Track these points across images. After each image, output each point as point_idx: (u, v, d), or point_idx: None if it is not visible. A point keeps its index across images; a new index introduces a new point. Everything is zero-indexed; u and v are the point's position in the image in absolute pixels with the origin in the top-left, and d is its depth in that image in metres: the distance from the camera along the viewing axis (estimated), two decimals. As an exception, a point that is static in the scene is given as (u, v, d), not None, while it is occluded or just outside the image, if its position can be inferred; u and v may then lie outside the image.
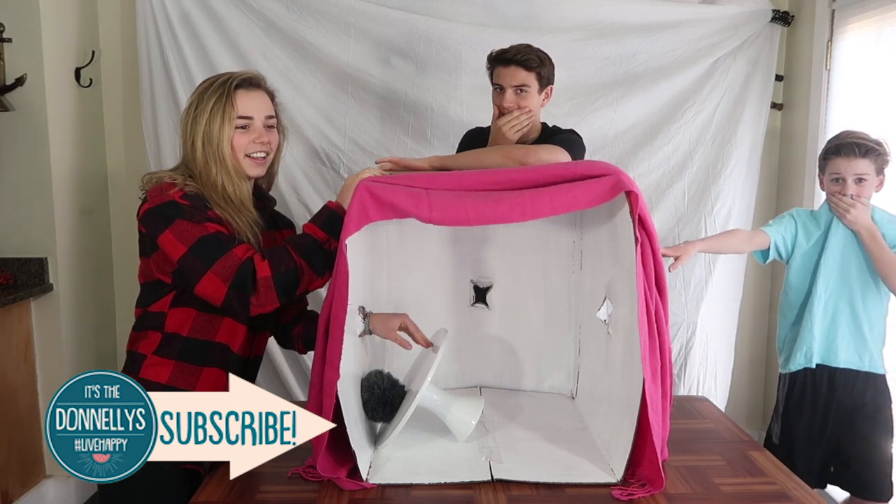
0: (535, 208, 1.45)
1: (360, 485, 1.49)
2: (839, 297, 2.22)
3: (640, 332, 1.44)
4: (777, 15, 3.13)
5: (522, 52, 2.13)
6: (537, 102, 2.17)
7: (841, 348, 2.22)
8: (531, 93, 2.15)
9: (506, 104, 2.14)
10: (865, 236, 2.15)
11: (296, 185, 3.05)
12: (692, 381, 3.22)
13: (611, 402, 1.70)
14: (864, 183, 2.16)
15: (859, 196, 2.16)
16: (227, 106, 1.62)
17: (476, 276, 2.05)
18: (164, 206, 1.55)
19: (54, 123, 2.83)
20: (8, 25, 2.71)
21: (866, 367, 2.22)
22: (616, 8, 3.03)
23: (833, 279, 2.22)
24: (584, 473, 1.55)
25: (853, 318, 2.22)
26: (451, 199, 1.46)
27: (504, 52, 2.16)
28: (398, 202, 1.45)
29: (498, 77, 2.17)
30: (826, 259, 2.22)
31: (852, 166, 2.15)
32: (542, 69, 2.15)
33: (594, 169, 1.51)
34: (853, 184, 2.16)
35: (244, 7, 2.95)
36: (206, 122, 1.61)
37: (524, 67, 2.12)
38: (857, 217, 2.14)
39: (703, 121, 3.13)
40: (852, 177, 2.16)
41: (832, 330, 2.23)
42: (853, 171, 2.15)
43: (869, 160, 2.15)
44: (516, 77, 2.13)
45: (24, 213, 2.83)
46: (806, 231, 2.28)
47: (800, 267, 2.29)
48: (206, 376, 1.63)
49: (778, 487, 1.52)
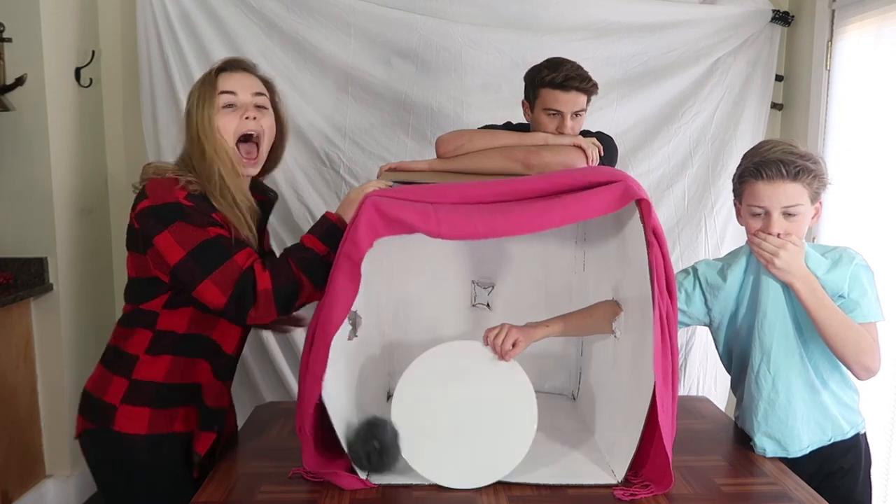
0: (543, 220, 1.44)
1: (363, 483, 1.49)
2: (788, 371, 1.66)
3: (654, 334, 1.43)
4: (777, 15, 3.13)
5: (583, 77, 2.03)
6: (581, 125, 2.09)
7: (803, 433, 1.68)
8: (584, 115, 2.08)
9: (566, 132, 2.02)
10: (802, 289, 1.56)
11: (296, 185, 3.05)
12: (692, 381, 3.23)
13: (616, 404, 1.69)
14: (796, 217, 1.60)
15: (789, 234, 1.59)
16: (209, 88, 1.59)
17: (477, 276, 2.05)
18: (166, 207, 1.51)
19: (54, 123, 2.82)
20: (8, 25, 2.70)
21: (829, 439, 1.70)
22: (616, 8, 3.03)
23: (774, 346, 1.67)
24: (585, 475, 1.55)
25: (811, 394, 1.67)
26: (460, 214, 1.45)
27: (567, 79, 2.01)
28: (406, 218, 1.43)
29: (555, 102, 2.02)
30: (759, 321, 1.68)
31: (779, 194, 1.58)
32: (596, 91, 2.07)
33: (601, 176, 1.50)
34: (780, 218, 1.60)
35: (244, 7, 2.95)
36: (195, 112, 1.58)
37: (584, 93, 2.04)
38: (789, 263, 1.56)
39: (703, 121, 3.13)
40: (779, 209, 1.59)
41: (788, 415, 1.67)
42: (780, 202, 1.59)
43: (801, 184, 1.58)
44: (576, 103, 2.03)
45: (24, 213, 2.83)
46: (713, 291, 1.77)
47: (727, 335, 1.80)
48: (201, 367, 1.62)
49: (779, 488, 1.52)
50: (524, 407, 1.58)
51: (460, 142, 1.96)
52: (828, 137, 3.00)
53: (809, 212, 1.62)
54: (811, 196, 1.60)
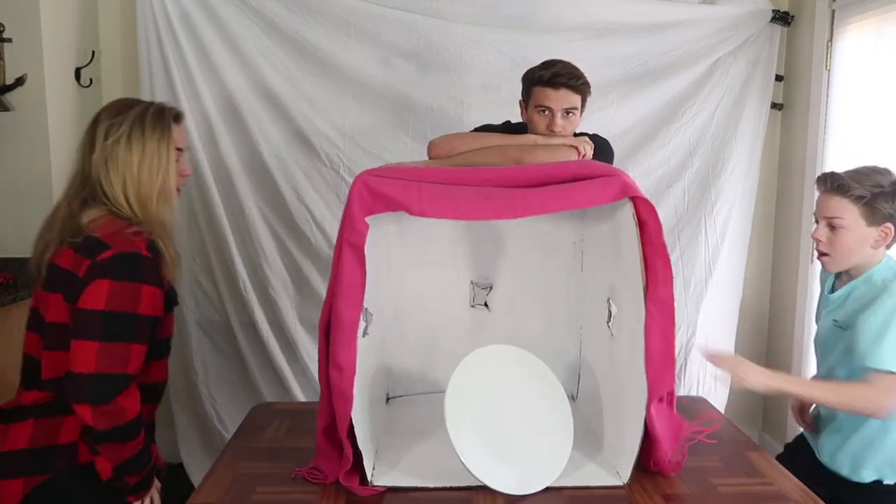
0: (526, 205, 1.45)
1: (373, 490, 1.49)
2: None
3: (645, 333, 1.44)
4: (777, 15, 3.13)
5: (573, 74, 2.04)
6: (574, 126, 2.09)
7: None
8: (577, 115, 2.07)
9: (556, 129, 2.03)
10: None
11: (296, 186, 3.05)
12: (692, 381, 3.22)
13: (616, 404, 1.70)
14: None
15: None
16: (169, 138, 1.63)
17: (476, 277, 2.05)
18: (128, 257, 1.53)
19: (54, 123, 2.82)
20: (8, 25, 2.70)
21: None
22: (616, 8, 3.03)
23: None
24: (589, 476, 1.56)
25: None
26: (443, 193, 1.45)
27: (555, 76, 2.02)
28: (389, 193, 1.44)
29: (545, 99, 2.03)
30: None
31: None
32: (588, 92, 2.08)
33: (589, 170, 1.51)
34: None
35: (244, 7, 2.95)
36: (149, 152, 1.62)
37: (576, 91, 2.04)
38: (747, 377, 1.67)
39: (703, 121, 3.13)
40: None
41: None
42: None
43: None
44: (567, 100, 2.03)
45: (24, 213, 2.82)
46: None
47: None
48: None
49: (776, 488, 1.52)
50: (561, 411, 1.62)
51: (453, 144, 1.97)
52: (828, 137, 3.00)
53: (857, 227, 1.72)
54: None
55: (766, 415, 3.51)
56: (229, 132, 3.01)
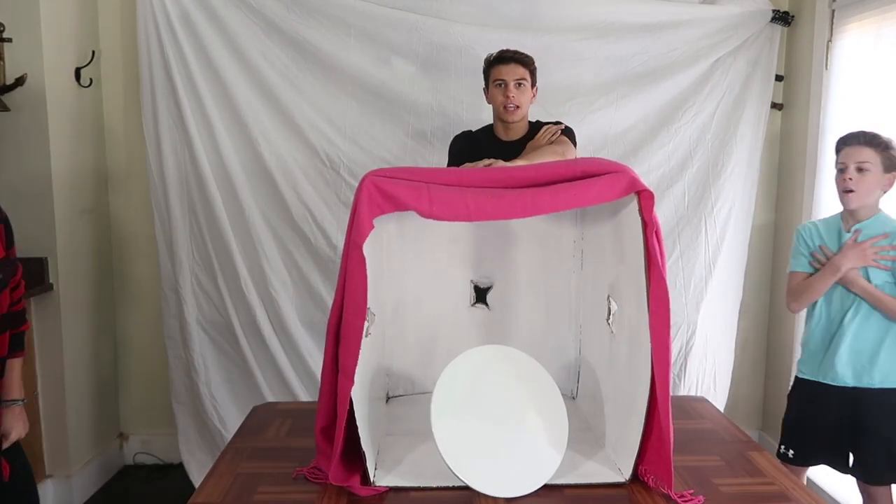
0: (535, 204, 1.45)
1: (374, 490, 1.49)
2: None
3: (651, 331, 1.44)
4: (777, 15, 3.13)
5: (518, 52, 2.42)
6: (529, 98, 2.42)
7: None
8: (527, 87, 2.40)
9: (510, 94, 2.36)
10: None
11: (296, 185, 3.05)
12: (692, 381, 3.22)
13: (616, 402, 1.70)
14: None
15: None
16: None
17: (476, 276, 2.05)
18: None
19: (54, 123, 2.83)
20: (8, 25, 2.71)
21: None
22: (616, 8, 3.03)
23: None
24: (591, 474, 1.56)
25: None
26: (452, 194, 1.45)
27: (503, 52, 2.42)
28: (399, 194, 1.44)
29: (499, 74, 2.39)
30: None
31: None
32: (534, 68, 2.43)
33: (597, 167, 1.50)
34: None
35: (244, 7, 2.95)
36: None
37: (522, 64, 2.39)
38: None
39: (703, 121, 3.13)
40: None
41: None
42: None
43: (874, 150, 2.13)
44: (517, 72, 2.38)
45: (24, 213, 2.82)
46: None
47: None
48: None
49: (777, 488, 1.52)
50: (554, 410, 1.60)
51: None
52: (827, 137, 2.99)
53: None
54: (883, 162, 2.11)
55: (766, 415, 3.51)
56: (229, 132, 3.01)
